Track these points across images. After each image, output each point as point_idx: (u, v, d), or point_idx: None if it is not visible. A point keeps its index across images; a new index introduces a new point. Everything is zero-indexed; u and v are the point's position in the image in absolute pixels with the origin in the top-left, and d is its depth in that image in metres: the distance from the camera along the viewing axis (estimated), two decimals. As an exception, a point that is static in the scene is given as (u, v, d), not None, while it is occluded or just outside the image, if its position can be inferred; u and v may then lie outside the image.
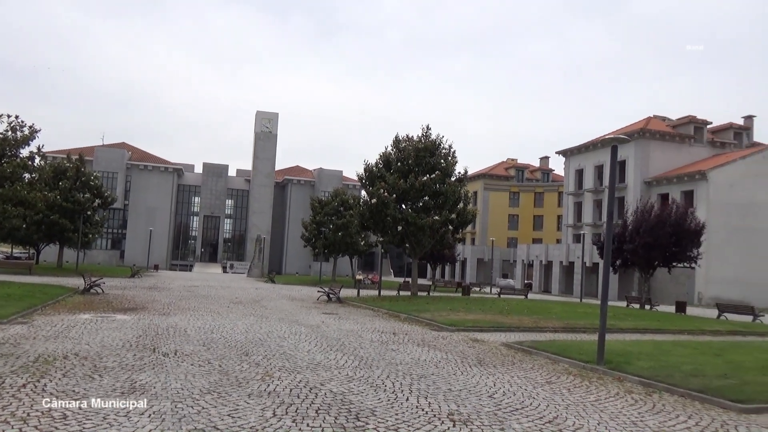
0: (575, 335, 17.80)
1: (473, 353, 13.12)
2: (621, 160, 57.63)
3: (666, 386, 9.78)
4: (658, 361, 11.87)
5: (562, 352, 13.03)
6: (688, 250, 32.36)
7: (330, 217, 50.78)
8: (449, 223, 30.40)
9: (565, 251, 60.75)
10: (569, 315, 23.20)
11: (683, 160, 56.85)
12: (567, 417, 7.68)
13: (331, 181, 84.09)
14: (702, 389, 9.35)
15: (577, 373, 11.18)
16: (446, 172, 30.57)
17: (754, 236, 50.36)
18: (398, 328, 17.66)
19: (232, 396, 7.84)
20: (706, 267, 46.65)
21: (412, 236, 30.00)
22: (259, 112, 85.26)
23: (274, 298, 28.53)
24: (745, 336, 20.09)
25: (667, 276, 45.54)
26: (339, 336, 14.92)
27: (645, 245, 31.79)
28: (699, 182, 51.05)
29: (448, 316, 20.48)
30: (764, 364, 12.03)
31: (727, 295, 45.49)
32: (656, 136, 56.97)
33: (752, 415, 8.31)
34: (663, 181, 54.72)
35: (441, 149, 31.30)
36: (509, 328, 18.45)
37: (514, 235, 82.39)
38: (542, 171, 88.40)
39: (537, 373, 10.98)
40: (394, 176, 30.05)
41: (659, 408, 8.50)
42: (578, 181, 64.94)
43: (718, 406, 8.72)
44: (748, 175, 51.23)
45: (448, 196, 29.96)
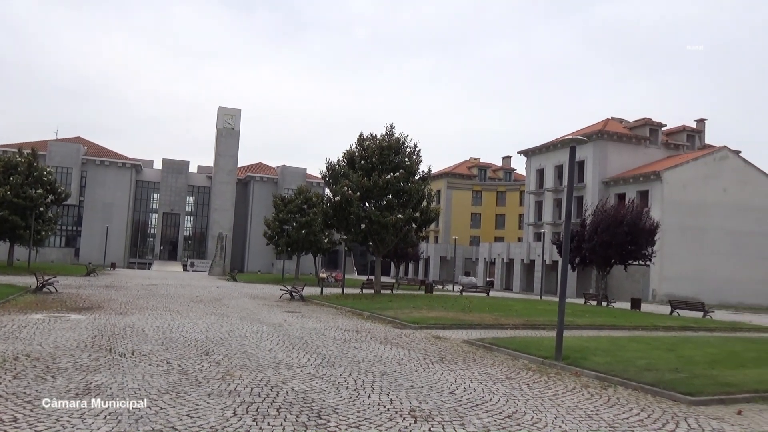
0: (535, 332, 18.13)
1: (435, 350, 13.24)
2: (580, 160, 59.00)
3: (621, 380, 10.08)
4: (614, 357, 12.20)
5: (522, 348, 13.27)
6: (643, 248, 33.37)
7: (293, 215, 50.42)
8: (413, 222, 30.57)
9: (526, 249, 61.85)
10: (529, 312, 23.62)
11: (639, 161, 58.53)
12: (526, 411, 7.83)
13: (295, 178, 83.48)
14: (654, 383, 9.67)
15: (536, 368, 11.40)
16: (410, 171, 30.73)
17: (704, 235, 52.28)
18: (361, 326, 17.67)
19: (191, 396, 7.72)
20: (660, 265, 48.22)
21: (375, 234, 30.05)
22: (221, 108, 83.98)
23: (236, 297, 28.17)
24: (696, 331, 20.82)
25: (624, 273, 46.84)
26: (301, 334, 14.84)
27: (602, 244, 32.65)
28: (654, 182, 52.66)
29: (410, 313, 20.60)
30: (713, 359, 12.51)
31: (680, 292, 47.11)
32: (614, 137, 58.48)
33: (701, 407, 8.63)
34: (620, 182, 56.23)
35: (405, 148, 31.44)
36: (471, 325, 18.68)
37: (476, 234, 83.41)
38: (504, 170, 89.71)
39: (497, 369, 11.16)
40: (358, 174, 30.04)
41: (614, 401, 8.75)
42: (539, 180, 66.15)
43: (670, 398, 9.03)
44: (699, 176, 53.14)
45: (411, 194, 30.12)
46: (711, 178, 53.30)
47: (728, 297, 51.27)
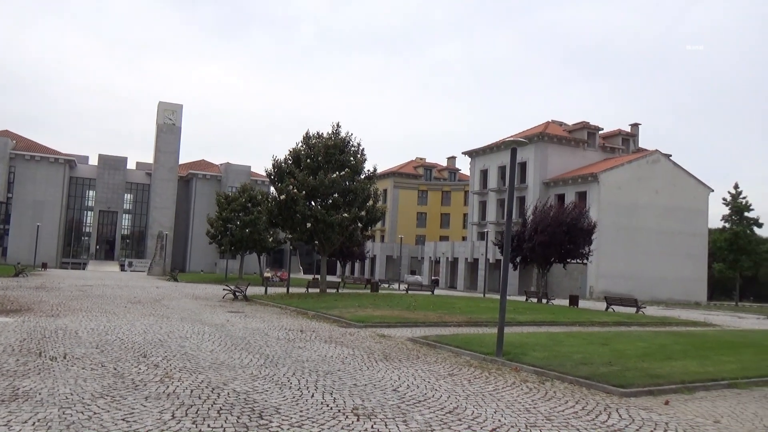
0: (478, 329, 18.49)
1: (380, 348, 13.31)
2: (522, 161, 60.58)
3: (558, 374, 10.43)
4: (552, 352, 12.61)
5: (465, 345, 13.52)
6: (581, 247, 34.58)
7: (237, 213, 49.49)
8: (359, 221, 30.59)
9: (470, 248, 62.99)
10: (472, 310, 24.06)
11: (578, 163, 60.64)
12: (467, 407, 7.98)
13: (239, 176, 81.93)
14: (589, 376, 10.05)
15: (477, 364, 11.64)
16: (356, 170, 30.75)
17: (637, 235, 54.72)
18: (306, 326, 17.56)
19: (127, 399, 7.47)
20: (596, 263, 50.12)
21: (321, 233, 29.91)
22: (161, 103, 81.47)
23: (177, 297, 27.43)
24: (629, 326, 21.73)
25: (563, 271, 48.45)
26: (244, 335, 14.61)
27: (542, 243, 33.63)
28: (591, 184, 54.68)
29: (356, 312, 20.62)
30: (644, 352, 13.11)
31: (615, 289, 49.14)
32: (554, 139, 60.35)
33: (631, 398, 9.04)
34: (560, 183, 58.08)
35: (351, 147, 31.43)
36: (415, 323, 18.87)
37: (422, 233, 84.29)
38: (450, 170, 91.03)
39: (440, 366, 11.32)
40: (304, 173, 29.82)
41: (551, 395, 9.04)
42: (483, 180, 67.49)
43: (603, 391, 9.41)
44: (633, 178, 55.58)
45: (357, 193, 30.15)
46: (644, 180, 55.83)
47: (659, 293, 53.89)
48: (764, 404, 9.03)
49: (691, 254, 57.46)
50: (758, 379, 10.78)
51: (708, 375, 10.68)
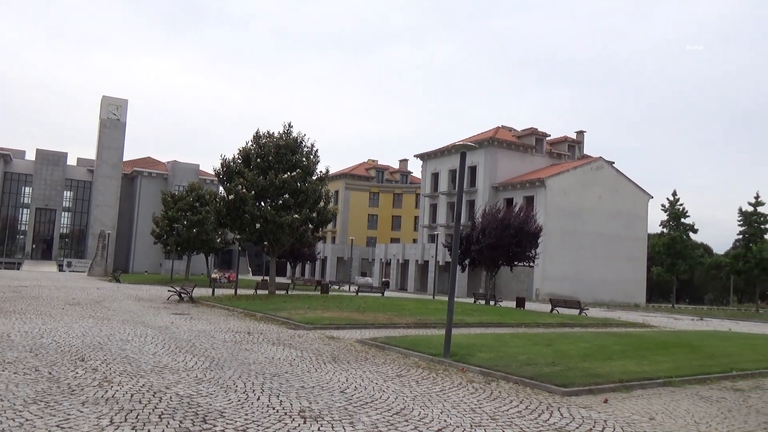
0: (426, 330, 18.65)
1: (328, 350, 13.24)
2: (472, 165, 61.58)
3: (503, 375, 10.63)
4: (498, 352, 12.84)
5: (413, 346, 13.61)
6: (527, 250, 35.38)
7: (184, 213, 48.27)
8: (309, 222, 30.37)
9: (421, 251, 63.53)
10: (422, 311, 24.25)
11: (526, 168, 62.12)
12: (414, 407, 8.04)
13: (187, 174, 79.95)
14: (533, 376, 10.30)
15: (425, 366, 11.74)
16: (307, 171, 30.52)
17: (581, 238, 56.49)
18: (253, 328, 17.29)
19: (62, 405, 7.16)
20: (542, 266, 51.43)
21: (271, 234, 29.53)
22: (105, 98, 78.66)
23: (119, 299, 26.52)
24: (572, 327, 22.39)
25: (510, 274, 49.48)
26: (189, 337, 14.26)
27: (490, 246, 34.24)
28: (539, 189, 56.10)
29: (305, 314, 20.46)
30: (585, 352, 13.53)
31: (560, 291, 50.54)
32: (503, 145, 61.62)
33: (573, 397, 9.31)
34: (509, 187, 59.33)
35: (303, 147, 31.18)
36: (365, 325, 18.88)
37: (373, 235, 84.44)
38: (401, 173, 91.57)
39: (388, 367, 11.36)
40: (254, 172, 29.38)
41: (496, 395, 9.21)
42: (434, 183, 68.21)
43: (546, 390, 9.66)
44: (578, 183, 57.37)
45: (308, 194, 29.92)
46: (588, 186, 57.71)
47: (601, 295, 55.77)
48: (696, 401, 9.46)
49: (632, 258, 59.76)
50: (691, 378, 11.30)
51: (645, 374, 11.11)
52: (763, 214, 59.93)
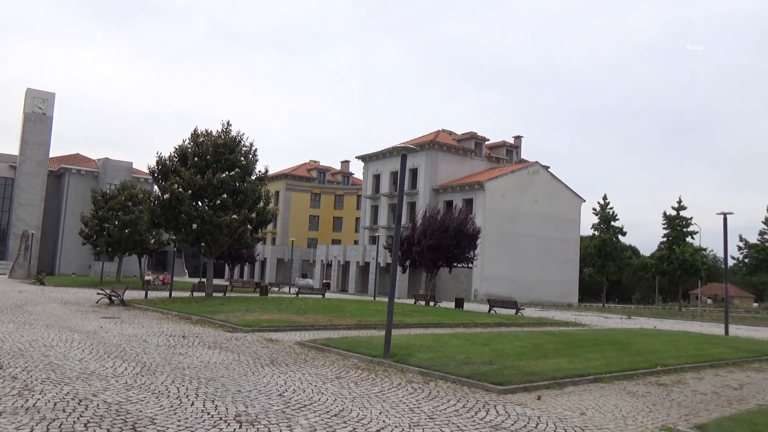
0: (367, 331, 18.63)
1: (266, 353, 13.01)
2: (413, 168, 62.19)
3: (441, 374, 10.75)
4: (437, 352, 12.98)
5: (353, 348, 13.57)
6: (466, 252, 36.02)
7: (116, 213, 46.32)
8: (248, 222, 29.80)
9: (362, 252, 63.56)
10: (362, 313, 24.24)
11: (465, 171, 63.28)
12: (352, 409, 8.00)
13: (119, 172, 76.75)
14: (470, 375, 10.46)
15: (365, 367, 11.72)
16: (247, 170, 29.93)
17: (518, 240, 58.07)
18: (189, 331, 16.78)
19: (-24, 416, 6.69)
20: (481, 267, 52.51)
21: (208, 235, 28.77)
22: (30, 90, 74.48)
23: (43, 302, 25.14)
24: (509, 327, 22.94)
25: (449, 275, 50.25)
26: (119, 342, 13.68)
27: (430, 247, 34.65)
28: (477, 191, 57.27)
29: (243, 316, 20.05)
30: (521, 351, 13.87)
31: (497, 292, 51.73)
32: (444, 148, 62.54)
33: (508, 394, 9.52)
34: (449, 189, 60.26)
35: (242, 146, 30.56)
36: (304, 326, 18.68)
37: (314, 236, 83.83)
38: (343, 174, 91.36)
39: (328, 369, 11.27)
40: (191, 171, 28.55)
41: (434, 394, 9.29)
42: (375, 185, 68.44)
43: (483, 389, 9.83)
44: (515, 187, 58.97)
45: (248, 194, 29.36)
46: (525, 189, 59.41)
47: (537, 295, 57.49)
48: (623, 396, 9.87)
49: (565, 259, 61.93)
50: (619, 374, 11.79)
51: (576, 371, 11.50)
52: (685, 218, 63.50)
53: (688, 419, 8.30)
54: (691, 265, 61.82)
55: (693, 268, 62.28)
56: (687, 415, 8.63)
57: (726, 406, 9.39)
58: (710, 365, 14.10)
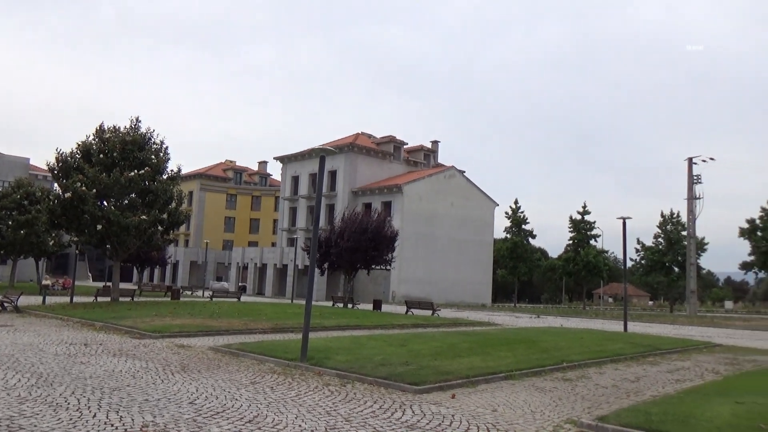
0: (284, 335, 18.36)
1: (177, 360, 12.48)
2: (332, 170, 62.02)
3: (358, 376, 10.75)
4: (354, 354, 12.97)
5: (269, 352, 13.30)
6: (384, 254, 36.34)
7: (9, 212, 42.88)
8: (159, 223, 28.53)
9: (280, 254, 62.59)
10: (279, 316, 23.86)
11: (384, 174, 63.89)
12: (267, 414, 7.82)
13: (14, 169, 71.04)
14: (387, 376, 10.53)
15: (281, 371, 11.51)
16: (157, 169, 28.66)
17: (434, 242, 59.32)
18: (92, 338, 15.81)
19: None
20: (398, 269, 53.14)
21: (114, 236, 27.27)
22: None
23: (-77, 310, 22.86)
24: (426, 328, 23.32)
25: (367, 277, 50.47)
26: (12, 351, 12.65)
27: (349, 249, 34.67)
28: (396, 194, 57.95)
29: (152, 322, 19.15)
30: (436, 351, 14.14)
31: (415, 293, 52.54)
32: (363, 151, 62.84)
33: (424, 394, 9.66)
34: (367, 192, 60.58)
35: (152, 144, 29.24)
36: (218, 331, 18.13)
37: (230, 238, 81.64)
38: (260, 175, 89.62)
39: (242, 374, 10.97)
40: (96, 169, 26.94)
41: (351, 396, 9.27)
42: (294, 187, 67.64)
43: (399, 389, 9.92)
44: (432, 190, 60.20)
45: (158, 194, 28.10)
46: (441, 192, 60.79)
47: (453, 296, 58.94)
48: (532, 392, 10.28)
49: (480, 261, 63.93)
50: (528, 371, 12.28)
51: (489, 369, 11.87)
52: (589, 222, 67.41)
53: (591, 412, 8.77)
54: (595, 266, 65.72)
55: (596, 269, 66.23)
56: (590, 407, 9.12)
57: (624, 398, 10.00)
58: (611, 360, 14.99)
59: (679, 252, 59.63)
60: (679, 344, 19.51)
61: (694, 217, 51.43)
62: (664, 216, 63.13)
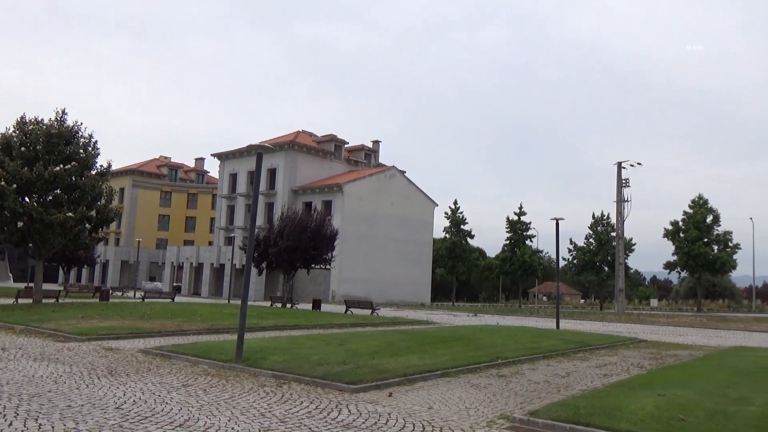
0: (219, 336, 17.93)
1: (104, 363, 11.93)
2: (272, 168, 61.14)
3: (295, 376, 10.59)
4: (292, 355, 12.79)
5: (203, 353, 12.93)
6: (324, 253, 36.14)
7: None
8: (87, 221, 27.27)
9: (217, 253, 61.11)
10: (215, 316, 23.27)
11: (325, 173, 63.54)
12: (199, 418, 7.58)
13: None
14: (324, 376, 10.43)
15: (215, 373, 11.20)
16: (85, 164, 27.37)
17: (374, 242, 59.51)
18: (10, 342, 14.89)
19: None
20: (339, 268, 52.99)
21: (37, 234, 25.83)
22: None
23: None
24: (365, 327, 23.33)
25: (307, 277, 50.05)
26: None
27: (288, 248, 34.26)
28: (336, 194, 57.75)
29: (78, 324, 18.25)
30: (374, 350, 14.15)
31: (355, 293, 52.51)
32: (303, 149, 62.26)
33: (361, 393, 9.63)
34: (308, 191, 60.08)
35: (80, 138, 27.89)
36: (150, 333, 17.48)
37: (164, 236, 79.06)
38: (197, 172, 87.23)
39: (174, 377, 10.60)
40: (16, 163, 25.44)
41: (287, 397, 9.12)
42: (232, 184, 66.24)
43: (336, 389, 9.84)
44: (373, 190, 60.36)
45: (86, 190, 26.83)
46: (382, 192, 61.03)
47: (393, 295, 59.28)
48: (468, 389, 10.44)
49: (419, 261, 64.60)
50: (464, 368, 12.47)
51: (426, 367, 11.97)
52: (525, 223, 69.40)
53: (523, 407, 8.99)
54: (530, 265, 67.73)
55: (531, 268, 68.27)
56: (522, 403, 9.34)
57: (555, 393, 10.32)
58: (543, 356, 15.45)
59: (608, 252, 62.27)
60: (607, 340, 20.35)
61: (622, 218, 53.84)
62: (595, 217, 65.80)
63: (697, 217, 60.66)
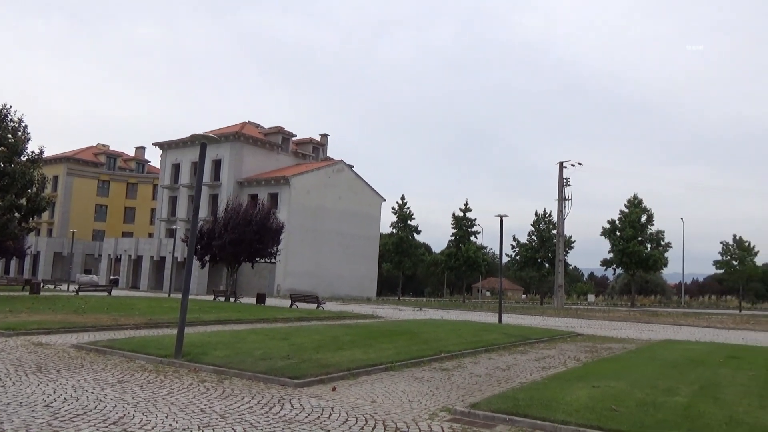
0: (158, 330, 17.42)
1: (33, 359, 11.37)
2: (217, 159, 59.81)
3: (237, 371, 10.40)
4: (234, 349, 12.56)
5: (140, 348, 12.52)
6: (270, 246, 35.65)
7: None
8: (16, 210, 25.95)
9: (157, 246, 59.35)
10: (154, 311, 22.59)
11: (271, 166, 62.67)
12: (135, 415, 7.33)
13: None
14: (267, 371, 10.28)
15: (153, 368, 10.87)
16: (15, 150, 26.02)
17: (321, 236, 59.21)
18: (-71, 338, 13.99)
19: None
20: (284, 262, 52.45)
21: (-38, 223, 24.39)
22: None
23: None
24: (310, 321, 23.16)
25: (252, 270, 49.28)
26: None
27: (232, 241, 33.62)
28: (283, 186, 57.06)
29: (4, 318, 17.35)
30: (319, 344, 14.06)
31: (301, 287, 52.12)
32: (249, 140, 61.18)
33: (305, 387, 9.55)
34: (254, 183, 59.10)
35: (9, 122, 26.45)
36: (84, 327, 16.80)
37: (101, 227, 76.12)
38: (137, 161, 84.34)
39: (109, 373, 10.22)
40: (-60, 147, 23.93)
41: (228, 393, 8.94)
42: (174, 175, 64.41)
43: (279, 384, 9.72)
44: (320, 184, 59.99)
45: (16, 177, 25.52)
46: (329, 186, 60.74)
47: (339, 290, 59.18)
48: (411, 382, 10.53)
49: (366, 255, 64.70)
50: (408, 361, 12.57)
51: (370, 361, 11.99)
52: (470, 219, 70.63)
53: (465, 399, 9.13)
54: (474, 261, 69.02)
55: (475, 264, 69.59)
56: (464, 395, 9.50)
57: (496, 385, 10.54)
58: (485, 350, 15.75)
59: (549, 249, 64.16)
60: (546, 334, 20.96)
61: (563, 217, 55.56)
62: (538, 215, 67.62)
63: (632, 216, 63.26)
